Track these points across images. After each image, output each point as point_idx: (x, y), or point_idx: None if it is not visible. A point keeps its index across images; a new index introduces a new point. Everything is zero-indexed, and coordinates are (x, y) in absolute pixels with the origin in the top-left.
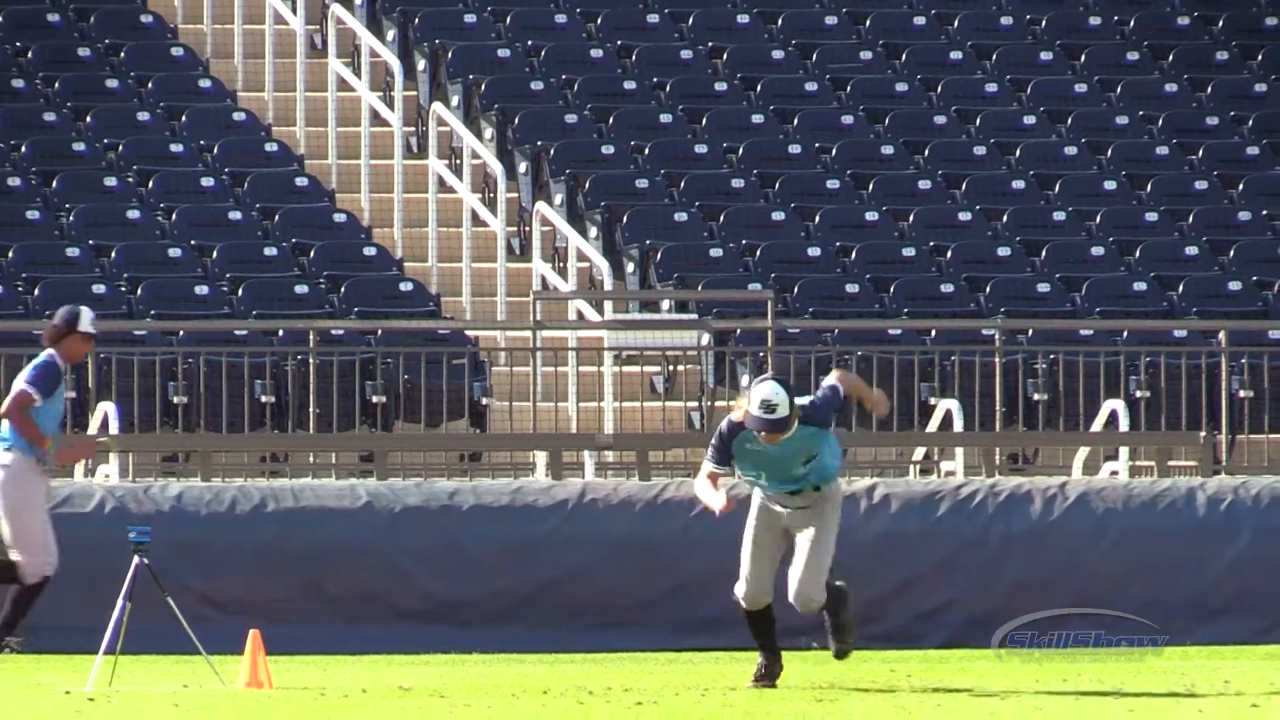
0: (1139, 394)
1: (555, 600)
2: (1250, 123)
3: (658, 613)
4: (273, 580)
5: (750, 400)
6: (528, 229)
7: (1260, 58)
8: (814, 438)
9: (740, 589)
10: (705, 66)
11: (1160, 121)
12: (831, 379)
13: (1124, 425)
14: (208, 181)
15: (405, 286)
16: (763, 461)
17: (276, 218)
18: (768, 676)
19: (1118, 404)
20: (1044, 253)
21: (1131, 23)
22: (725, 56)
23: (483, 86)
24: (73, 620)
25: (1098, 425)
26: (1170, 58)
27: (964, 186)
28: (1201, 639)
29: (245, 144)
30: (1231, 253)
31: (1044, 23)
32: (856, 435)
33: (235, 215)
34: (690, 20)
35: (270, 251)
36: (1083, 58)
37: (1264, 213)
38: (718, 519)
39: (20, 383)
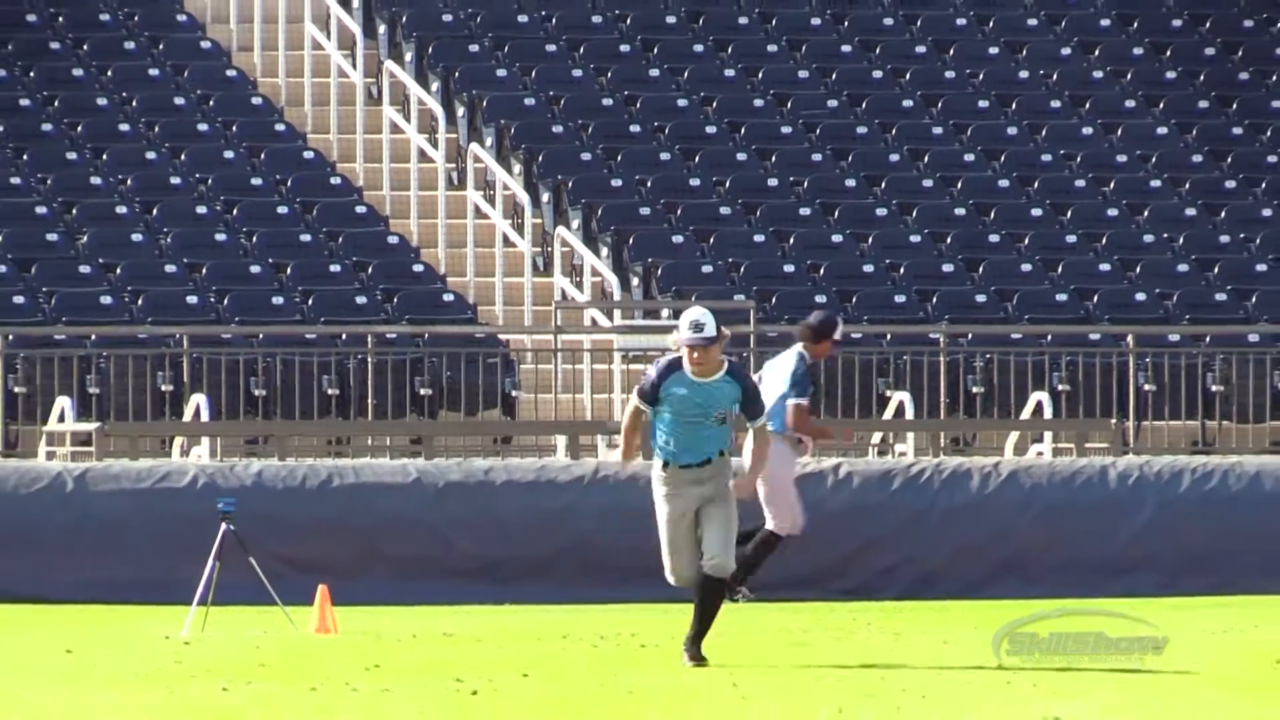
0: (1060, 387)
1: (575, 560)
2: (1154, 160)
3: (663, 570)
4: (338, 543)
5: (681, 327)
6: (550, 249)
7: (1161, 105)
8: (730, 394)
9: (670, 578)
10: (698, 114)
11: (1079, 159)
12: (789, 405)
13: (1048, 414)
14: (282, 209)
15: (447, 297)
16: (683, 409)
17: (340, 240)
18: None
19: (1043, 396)
20: (981, 269)
21: (1055, 76)
22: (714, 105)
23: (512, 130)
24: (171, 577)
25: (1026, 414)
26: (1086, 106)
27: (914, 214)
28: (1113, 593)
29: (313, 178)
30: (1138, 269)
31: (981, 76)
32: (825, 421)
33: (305, 238)
34: (685, 74)
35: (335, 268)
36: (1013, 105)
37: (1165, 235)
38: (617, 470)
39: (790, 399)
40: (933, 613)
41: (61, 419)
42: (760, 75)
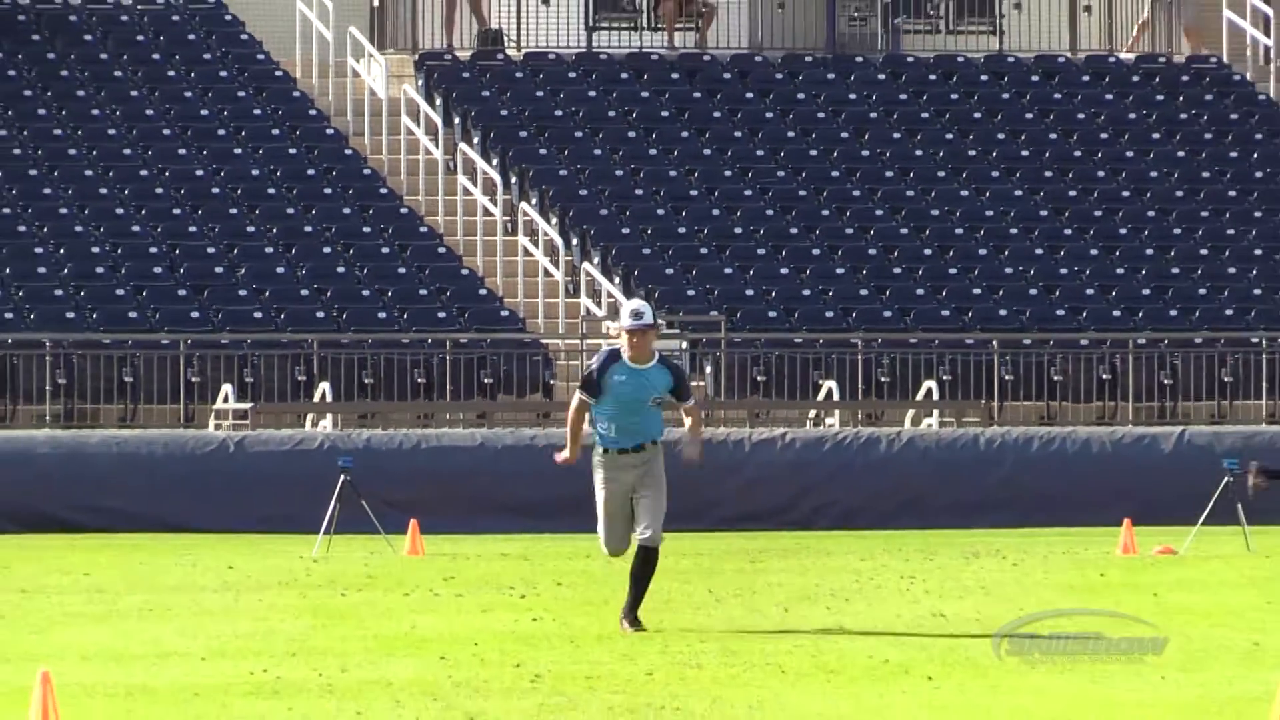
0: (945, 378)
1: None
2: (1012, 213)
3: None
4: (425, 489)
5: (622, 315)
6: (577, 279)
7: (1018, 174)
8: (662, 380)
9: (605, 549)
10: (684, 182)
11: (957, 213)
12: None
13: (935, 397)
14: (385, 249)
15: (504, 313)
16: (622, 394)
17: (426, 271)
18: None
19: (932, 383)
20: (888, 293)
21: (941, 153)
22: (695, 175)
23: (550, 193)
24: (304, 514)
25: (919, 396)
26: (964, 174)
27: (839, 253)
28: (983, 525)
29: (407, 227)
30: (1000, 292)
31: (888, 153)
32: (775, 402)
33: (401, 270)
34: (674, 153)
35: (423, 291)
36: (911, 174)
37: (1020, 268)
38: (559, 464)
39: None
40: (853, 539)
41: (225, 400)
42: (729, 154)
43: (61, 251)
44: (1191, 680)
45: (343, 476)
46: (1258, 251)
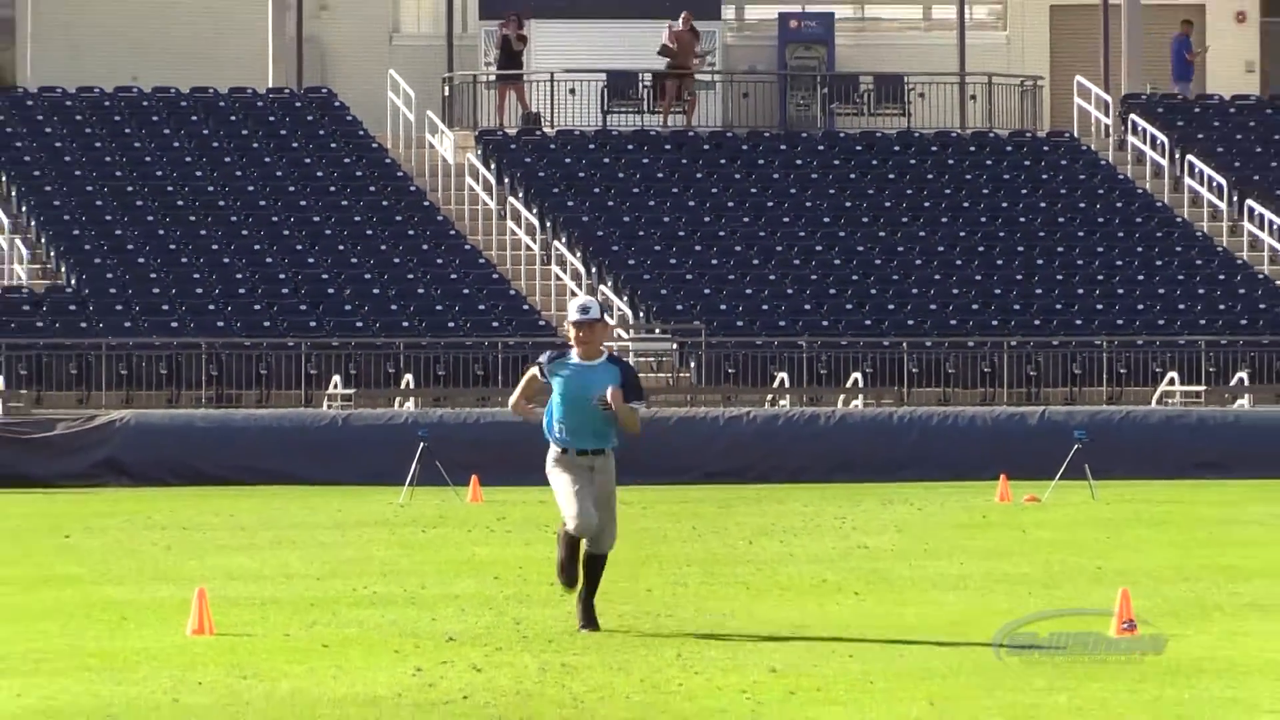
0: (868, 370)
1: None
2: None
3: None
4: (484, 454)
5: (570, 310)
6: (596, 298)
7: (881, 221)
8: (610, 377)
9: (573, 524)
10: (675, 224)
11: (855, 264)
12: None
13: (860, 384)
14: (454, 276)
15: (540, 322)
16: (568, 389)
17: (484, 291)
18: (588, 610)
19: (858, 374)
20: (825, 307)
21: (827, 204)
22: (683, 220)
23: (575, 233)
24: (391, 471)
25: (849, 384)
26: (842, 220)
27: (789, 278)
28: (899, 479)
29: (469, 259)
30: (909, 307)
31: (825, 204)
32: (741, 389)
33: (466, 291)
34: (668, 204)
35: (481, 307)
36: (843, 219)
37: (924, 288)
38: (513, 410)
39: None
40: (800, 490)
41: (335, 387)
42: (707, 204)
43: (214, 277)
44: (1051, 595)
45: (421, 444)
46: (1100, 276)
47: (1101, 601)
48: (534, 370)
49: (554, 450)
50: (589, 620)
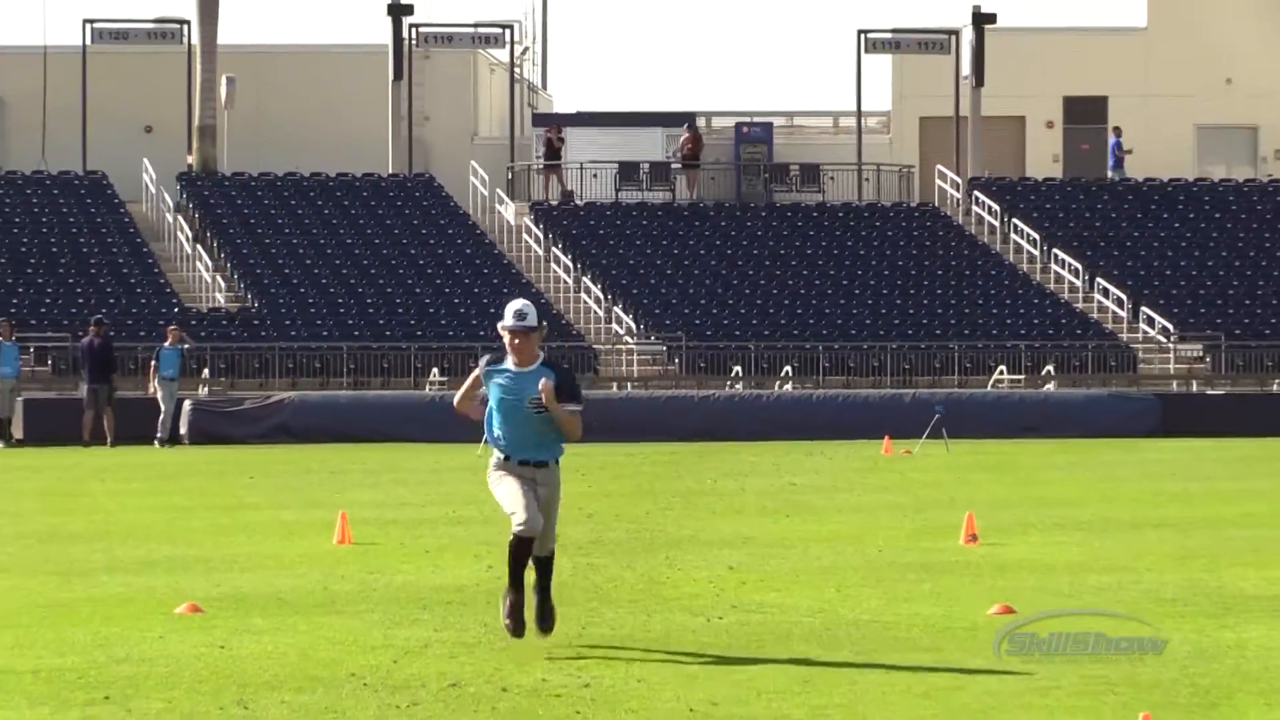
0: (795, 364)
1: (609, 426)
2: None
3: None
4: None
5: (506, 315)
6: (611, 316)
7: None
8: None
9: (519, 522)
10: (665, 268)
11: (811, 297)
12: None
13: (790, 374)
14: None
15: (573, 331)
16: (504, 396)
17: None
18: (516, 614)
19: (789, 367)
20: (768, 322)
21: (781, 245)
22: (669, 265)
23: (596, 272)
24: (475, 435)
25: (782, 374)
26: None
27: (742, 303)
28: (815, 438)
29: (525, 292)
30: (824, 322)
31: (767, 251)
32: (709, 378)
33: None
34: (659, 254)
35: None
36: (779, 262)
37: (834, 311)
38: (456, 408)
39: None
40: (748, 448)
41: (434, 376)
42: (684, 252)
43: (351, 301)
44: (918, 518)
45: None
46: (953, 300)
47: (952, 521)
48: (477, 372)
49: (496, 456)
50: (545, 619)
